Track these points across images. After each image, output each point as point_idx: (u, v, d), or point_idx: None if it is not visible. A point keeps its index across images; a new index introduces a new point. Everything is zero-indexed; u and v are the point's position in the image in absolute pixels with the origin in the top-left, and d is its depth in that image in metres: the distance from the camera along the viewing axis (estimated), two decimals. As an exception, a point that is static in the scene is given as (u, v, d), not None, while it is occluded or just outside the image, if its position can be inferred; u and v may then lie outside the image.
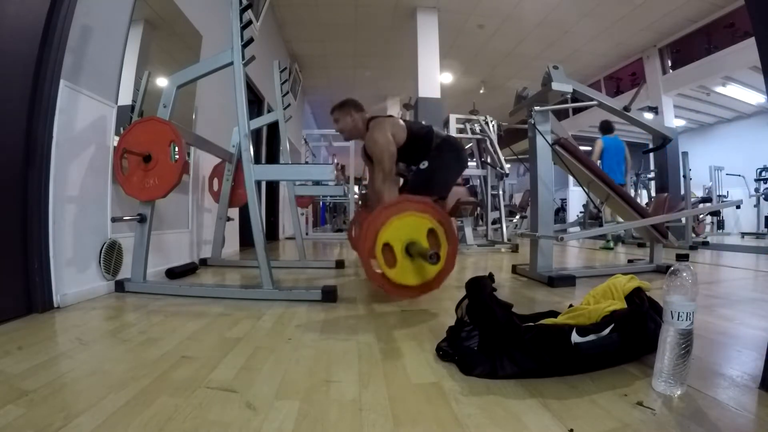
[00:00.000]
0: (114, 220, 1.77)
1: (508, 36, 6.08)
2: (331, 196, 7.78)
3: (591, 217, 4.79)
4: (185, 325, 1.25)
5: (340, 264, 2.71)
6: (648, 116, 2.99)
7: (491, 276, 1.02)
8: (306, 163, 6.15)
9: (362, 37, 6.11)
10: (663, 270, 2.37)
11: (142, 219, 1.75)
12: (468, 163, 5.06)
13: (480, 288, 0.96)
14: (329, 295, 1.62)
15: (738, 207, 3.08)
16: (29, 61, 1.39)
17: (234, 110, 1.69)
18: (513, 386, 0.80)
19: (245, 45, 1.72)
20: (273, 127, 4.17)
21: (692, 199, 5.36)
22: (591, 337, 0.86)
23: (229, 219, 2.86)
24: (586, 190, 2.44)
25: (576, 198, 8.90)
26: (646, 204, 5.66)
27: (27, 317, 1.33)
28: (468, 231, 4.28)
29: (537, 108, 2.15)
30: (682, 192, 4.68)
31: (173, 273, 2.18)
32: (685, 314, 0.74)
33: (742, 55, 5.17)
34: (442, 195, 2.16)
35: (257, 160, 4.58)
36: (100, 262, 1.71)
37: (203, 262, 2.74)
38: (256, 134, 4.71)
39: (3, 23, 1.28)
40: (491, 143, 4.48)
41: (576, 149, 2.32)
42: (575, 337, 0.85)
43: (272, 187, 5.44)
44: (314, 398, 0.75)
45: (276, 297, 1.65)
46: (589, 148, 4.37)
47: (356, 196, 7.57)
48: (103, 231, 1.76)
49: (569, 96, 2.20)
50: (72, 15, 1.51)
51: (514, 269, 2.46)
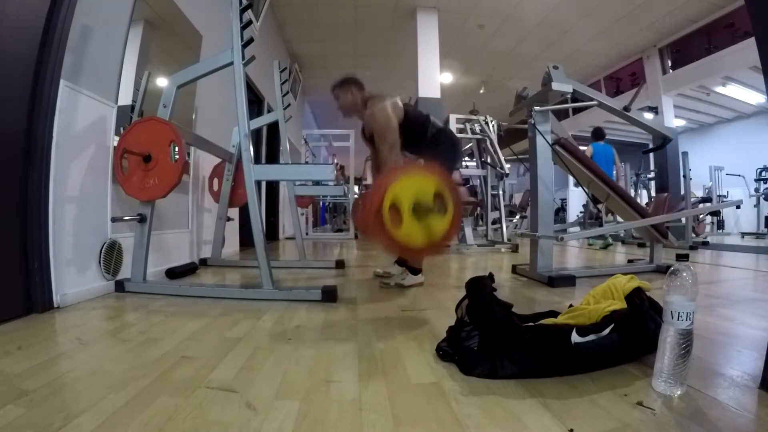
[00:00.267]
0: (114, 220, 1.77)
1: (508, 36, 6.08)
2: (331, 196, 7.79)
3: (590, 217, 4.79)
4: (185, 325, 1.25)
5: (340, 264, 2.71)
6: (648, 116, 2.99)
7: (491, 276, 1.02)
8: (306, 163, 6.15)
9: (362, 37, 6.11)
10: (663, 270, 2.37)
11: (142, 219, 1.75)
12: (463, 157, 5.06)
13: (480, 288, 0.96)
14: (329, 295, 1.62)
15: (738, 207, 3.08)
16: (29, 61, 1.39)
17: (234, 110, 1.69)
18: (513, 386, 0.80)
19: (245, 45, 1.72)
20: (273, 127, 4.17)
21: (692, 199, 5.36)
22: (591, 337, 0.86)
23: (229, 219, 2.86)
24: (586, 190, 2.44)
25: (576, 198, 8.90)
26: (646, 204, 5.66)
27: (27, 317, 1.33)
28: (468, 231, 4.27)
29: (537, 108, 2.15)
30: (682, 192, 4.69)
31: (173, 273, 2.18)
32: (685, 314, 0.74)
33: (742, 55, 5.18)
34: None
35: (257, 160, 4.58)
36: (100, 262, 1.71)
37: (203, 262, 2.74)
38: (256, 134, 4.71)
39: (3, 23, 1.28)
40: (491, 143, 4.48)
41: (576, 149, 2.32)
42: (575, 337, 0.85)
43: (272, 187, 5.44)
44: (314, 398, 0.75)
45: (276, 297, 1.65)
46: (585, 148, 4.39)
47: (356, 196, 7.57)
48: (103, 231, 1.76)
49: (569, 96, 2.20)
50: (72, 15, 1.51)
51: (514, 269, 2.46)
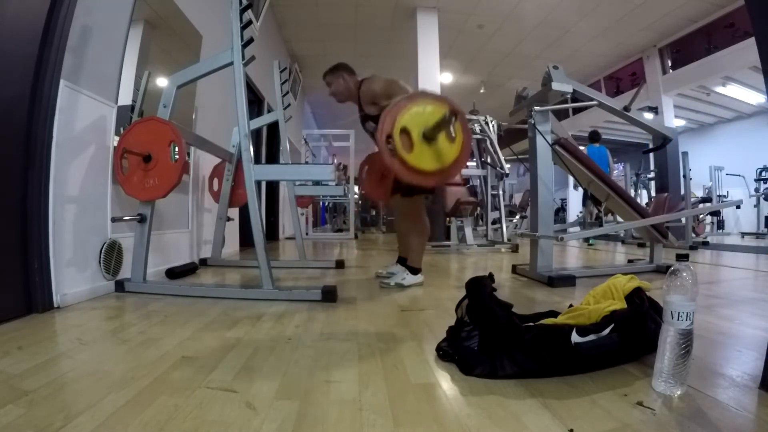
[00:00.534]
0: (114, 220, 1.77)
1: (508, 36, 6.07)
2: (331, 196, 7.78)
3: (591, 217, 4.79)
4: (185, 325, 1.25)
5: (340, 264, 2.71)
6: (648, 116, 3.00)
7: (491, 276, 1.02)
8: (306, 163, 6.15)
9: (362, 37, 6.10)
10: (663, 270, 2.37)
11: (142, 219, 1.75)
12: None
13: (480, 288, 0.96)
14: (329, 295, 1.62)
15: (738, 207, 3.08)
16: (29, 61, 1.39)
17: (234, 110, 1.69)
18: (513, 386, 0.80)
19: (245, 45, 1.72)
20: (273, 127, 4.17)
21: (692, 199, 5.36)
22: (591, 337, 0.86)
23: (229, 219, 2.86)
24: (586, 188, 2.44)
25: (576, 198, 8.90)
26: (646, 204, 5.66)
27: (27, 317, 1.33)
28: (468, 231, 4.28)
29: (537, 108, 2.15)
30: (682, 192, 4.69)
31: (173, 273, 2.18)
32: (685, 314, 0.74)
33: (742, 55, 5.17)
34: (431, 190, 2.17)
35: (257, 160, 4.58)
36: (100, 262, 1.71)
37: (203, 262, 2.74)
38: (256, 134, 4.71)
39: (3, 23, 1.28)
40: (491, 143, 4.48)
41: (576, 149, 2.32)
42: (575, 337, 0.85)
43: (272, 187, 5.44)
44: (314, 398, 0.75)
45: (276, 297, 1.65)
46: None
47: (356, 196, 7.56)
48: (103, 231, 1.76)
49: (569, 96, 2.20)
50: (72, 15, 1.51)
51: (514, 269, 2.46)
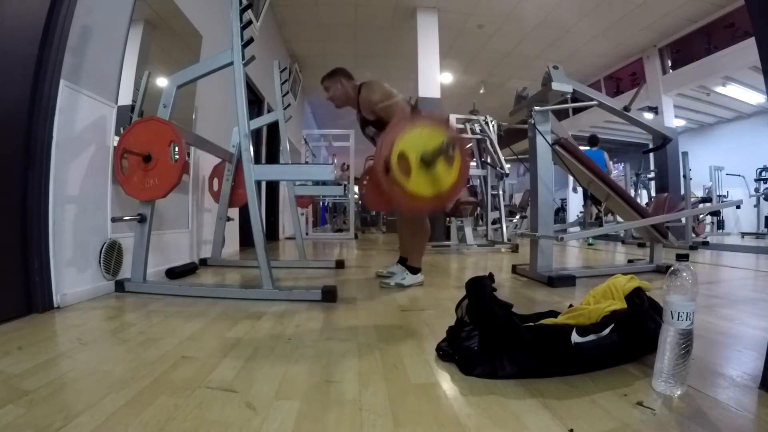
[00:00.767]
0: (114, 220, 1.77)
1: (508, 36, 6.07)
2: (331, 196, 7.78)
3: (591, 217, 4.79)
4: (185, 325, 1.25)
5: (340, 264, 2.71)
6: (648, 116, 3.00)
7: (491, 276, 1.02)
8: (306, 163, 6.15)
9: (362, 37, 6.11)
10: (663, 270, 2.37)
11: (142, 219, 1.75)
12: None
13: (480, 288, 0.96)
14: (329, 295, 1.62)
15: (738, 207, 3.08)
16: (29, 61, 1.39)
17: (234, 110, 1.69)
18: (513, 386, 0.80)
19: (245, 45, 1.72)
20: (273, 127, 4.17)
21: (692, 199, 5.36)
22: (591, 337, 0.86)
23: (229, 219, 2.86)
24: (585, 188, 2.44)
25: (576, 198, 8.89)
26: (646, 204, 5.66)
27: (27, 317, 1.33)
28: (468, 231, 4.27)
29: (537, 108, 2.15)
30: (682, 192, 4.69)
31: (173, 273, 2.18)
32: (685, 314, 0.74)
33: (742, 55, 5.17)
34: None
35: (257, 160, 4.58)
36: (100, 262, 1.71)
37: (203, 262, 2.74)
38: (256, 134, 4.71)
39: (3, 23, 1.28)
40: (491, 143, 4.48)
41: (576, 149, 2.32)
42: (575, 337, 0.85)
43: (272, 187, 5.44)
44: (314, 398, 0.75)
45: (276, 297, 1.65)
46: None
47: (356, 196, 7.56)
48: (103, 231, 1.76)
49: (569, 96, 2.20)
50: (72, 15, 1.51)
51: (514, 269, 2.46)
